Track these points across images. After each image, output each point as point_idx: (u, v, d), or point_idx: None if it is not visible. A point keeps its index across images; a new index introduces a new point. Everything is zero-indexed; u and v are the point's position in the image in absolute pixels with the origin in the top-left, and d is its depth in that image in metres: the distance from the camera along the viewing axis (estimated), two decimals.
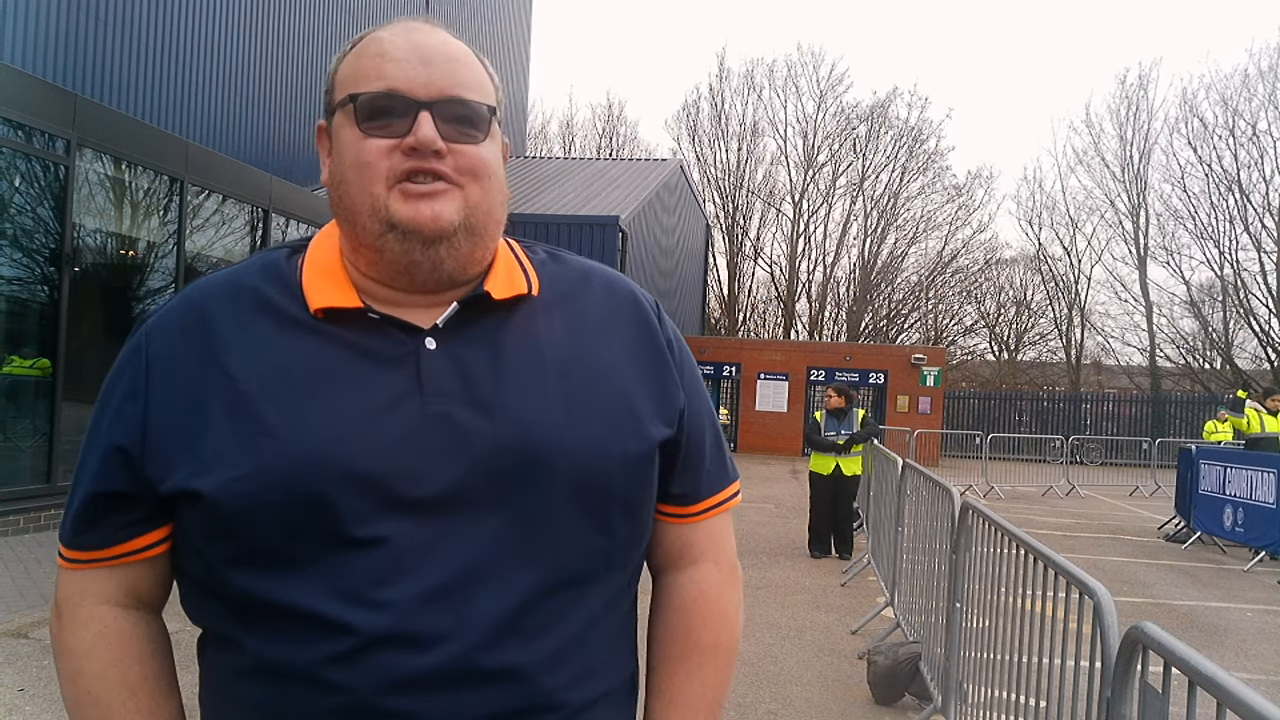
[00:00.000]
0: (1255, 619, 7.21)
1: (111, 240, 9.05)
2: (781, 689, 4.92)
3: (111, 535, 1.00)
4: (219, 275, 1.05)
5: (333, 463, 0.93)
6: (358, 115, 0.98)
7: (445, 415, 0.96)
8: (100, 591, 1.02)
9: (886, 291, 39.47)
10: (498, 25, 23.15)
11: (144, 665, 1.03)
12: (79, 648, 1.01)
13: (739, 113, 39.58)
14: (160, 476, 0.96)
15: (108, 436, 0.99)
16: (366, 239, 0.99)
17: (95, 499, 0.99)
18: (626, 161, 27.61)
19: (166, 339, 1.00)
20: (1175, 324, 35.88)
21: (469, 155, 0.99)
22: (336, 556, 0.93)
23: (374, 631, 0.92)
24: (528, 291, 1.06)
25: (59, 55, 9.67)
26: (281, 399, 0.95)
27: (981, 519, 4.03)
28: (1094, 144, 44.96)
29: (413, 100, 0.97)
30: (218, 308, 1.01)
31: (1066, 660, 2.73)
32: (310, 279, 1.02)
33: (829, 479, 9.17)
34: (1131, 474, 21.07)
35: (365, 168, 0.97)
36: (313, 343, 0.98)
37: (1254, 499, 9.91)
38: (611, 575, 1.05)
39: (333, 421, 0.95)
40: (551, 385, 1.01)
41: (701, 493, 1.15)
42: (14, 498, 7.66)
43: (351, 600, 0.92)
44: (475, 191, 1.00)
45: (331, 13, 15.53)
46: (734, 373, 24.88)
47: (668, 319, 1.15)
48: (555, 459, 0.98)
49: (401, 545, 0.93)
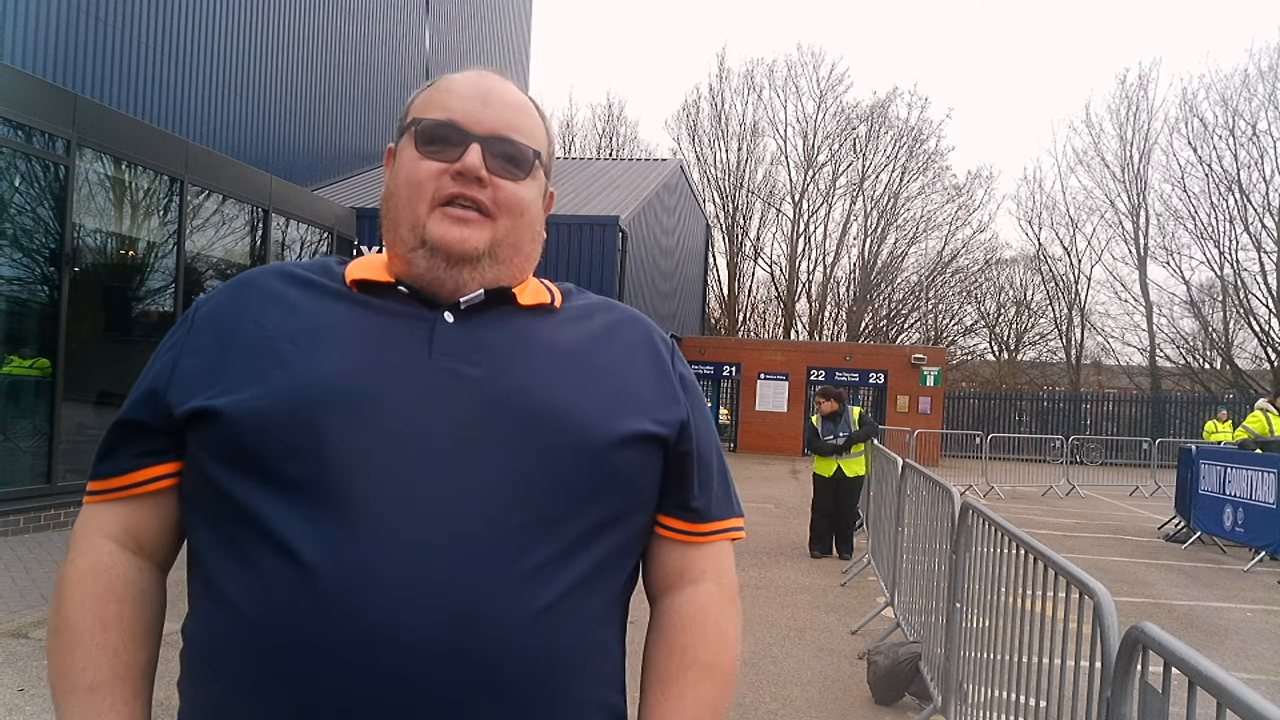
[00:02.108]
0: (1255, 619, 7.22)
1: (111, 240, 9.05)
2: (781, 689, 4.92)
3: (124, 463, 1.07)
4: (272, 264, 1.16)
5: (332, 392, 0.99)
6: (418, 138, 1.10)
7: (451, 370, 1.03)
8: (103, 525, 1.07)
9: (886, 291, 39.48)
10: (498, 25, 23.15)
11: (123, 606, 1.05)
12: (70, 575, 1.06)
13: (739, 113, 39.61)
14: (179, 402, 1.03)
15: (145, 383, 1.09)
16: (402, 249, 1.09)
17: (119, 426, 1.08)
18: (626, 161, 27.61)
19: (213, 304, 1.11)
20: (1175, 324, 35.95)
21: (508, 191, 1.09)
22: (324, 488, 0.96)
23: (343, 568, 0.93)
24: (550, 302, 1.14)
25: (59, 55, 9.67)
26: (300, 342, 1.04)
27: (981, 519, 4.03)
28: (1094, 144, 45.07)
29: (467, 133, 1.08)
30: (262, 280, 1.12)
31: (1066, 660, 2.73)
32: (353, 266, 1.13)
33: (831, 481, 9.18)
34: (1131, 474, 21.07)
35: (416, 186, 1.08)
36: (341, 305, 1.08)
37: (1254, 499, 9.92)
38: (601, 540, 1.04)
39: (341, 360, 1.02)
40: (558, 366, 1.08)
41: (715, 513, 1.17)
42: (14, 498, 7.66)
43: (328, 537, 0.94)
44: (505, 225, 1.09)
45: (331, 13, 15.53)
46: (734, 373, 24.88)
47: (681, 358, 1.21)
48: (553, 416, 1.03)
49: (387, 487, 0.96)
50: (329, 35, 15.46)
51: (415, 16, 18.82)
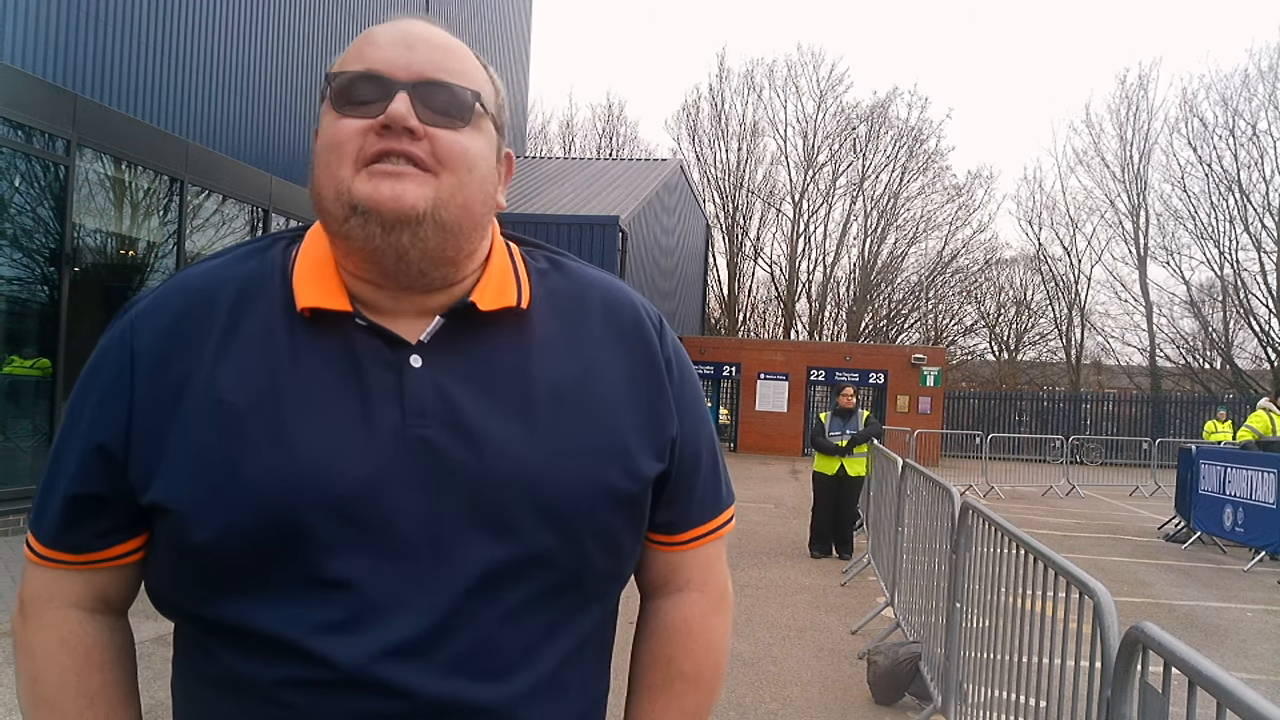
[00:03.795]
0: (1255, 619, 7.22)
1: (111, 240, 9.06)
2: (781, 689, 4.92)
3: (88, 542, 0.97)
4: (209, 264, 1.01)
5: (311, 490, 0.90)
6: (334, 96, 0.95)
7: (425, 440, 0.93)
8: (68, 594, 0.99)
9: (886, 291, 39.48)
10: (498, 25, 23.14)
11: (105, 674, 1.01)
12: (40, 651, 0.99)
13: (739, 113, 39.60)
14: (142, 484, 0.93)
15: (89, 434, 0.95)
16: (333, 226, 0.94)
17: (77, 500, 0.96)
18: (626, 161, 27.60)
19: (153, 333, 0.96)
20: (1175, 324, 35.94)
21: (447, 141, 0.94)
22: (310, 588, 0.91)
23: (345, 668, 0.90)
24: (516, 304, 1.01)
25: (59, 55, 9.66)
26: (264, 412, 0.92)
27: (981, 519, 4.03)
28: (1094, 144, 45.01)
29: (391, 81, 0.93)
30: (205, 301, 0.97)
31: (1066, 660, 2.73)
32: (301, 274, 0.98)
33: (833, 479, 9.17)
34: (1131, 474, 21.07)
35: (336, 148, 0.93)
36: (300, 346, 0.95)
37: (1254, 499, 9.92)
38: (589, 612, 1.03)
39: (316, 445, 0.91)
40: (539, 414, 0.97)
41: (691, 521, 1.10)
42: (14, 498, 7.66)
43: (323, 633, 0.91)
44: (450, 181, 0.94)
45: (331, 13, 15.53)
46: (734, 373, 24.88)
47: (670, 334, 1.11)
48: (541, 494, 0.95)
49: (375, 584, 0.91)
50: (329, 35, 15.45)
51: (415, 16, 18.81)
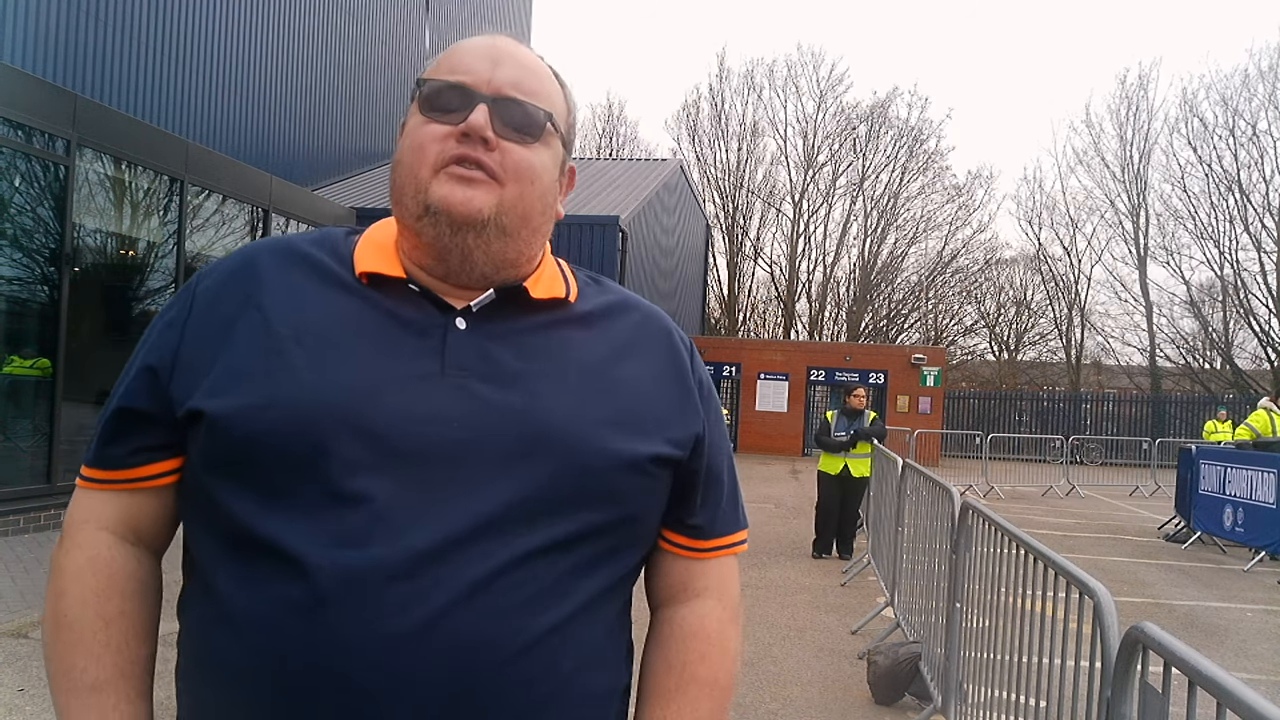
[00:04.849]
0: (1255, 619, 7.22)
1: (111, 240, 9.06)
2: (781, 689, 4.92)
3: (126, 457, 1.03)
4: (276, 237, 1.11)
5: (341, 408, 0.96)
6: (422, 101, 1.04)
7: (462, 387, 1.00)
8: (102, 516, 1.04)
9: (886, 291, 39.47)
10: (498, 25, 23.14)
11: (124, 601, 1.03)
12: (69, 568, 1.03)
13: (739, 113, 39.59)
14: (183, 396, 1.00)
15: (144, 358, 1.04)
16: (407, 219, 1.03)
17: (121, 414, 1.03)
18: (626, 161, 27.59)
19: (215, 280, 1.06)
20: (1175, 324, 35.95)
21: (516, 155, 1.03)
22: (327, 502, 0.94)
23: (346, 578, 0.92)
24: (565, 296, 1.09)
25: (59, 55, 9.66)
26: (308, 343, 0.99)
27: (981, 519, 4.03)
28: (1094, 144, 45.09)
29: (474, 93, 1.02)
30: (267, 259, 1.06)
31: (1066, 660, 2.73)
32: (362, 249, 1.07)
33: (836, 479, 9.14)
34: (1131, 474, 21.07)
35: (419, 150, 1.02)
36: (350, 301, 1.03)
37: (1254, 499, 9.92)
38: (606, 565, 1.04)
39: (350, 372, 0.98)
40: (570, 383, 1.04)
41: (717, 529, 1.15)
42: (14, 498, 7.66)
43: (331, 547, 0.92)
44: (514, 191, 1.02)
45: (331, 13, 15.52)
46: (734, 373, 24.87)
47: (700, 361, 1.17)
48: (561, 441, 1.00)
49: (391, 503, 0.94)
50: (329, 35, 15.45)
51: (415, 16, 18.81)
